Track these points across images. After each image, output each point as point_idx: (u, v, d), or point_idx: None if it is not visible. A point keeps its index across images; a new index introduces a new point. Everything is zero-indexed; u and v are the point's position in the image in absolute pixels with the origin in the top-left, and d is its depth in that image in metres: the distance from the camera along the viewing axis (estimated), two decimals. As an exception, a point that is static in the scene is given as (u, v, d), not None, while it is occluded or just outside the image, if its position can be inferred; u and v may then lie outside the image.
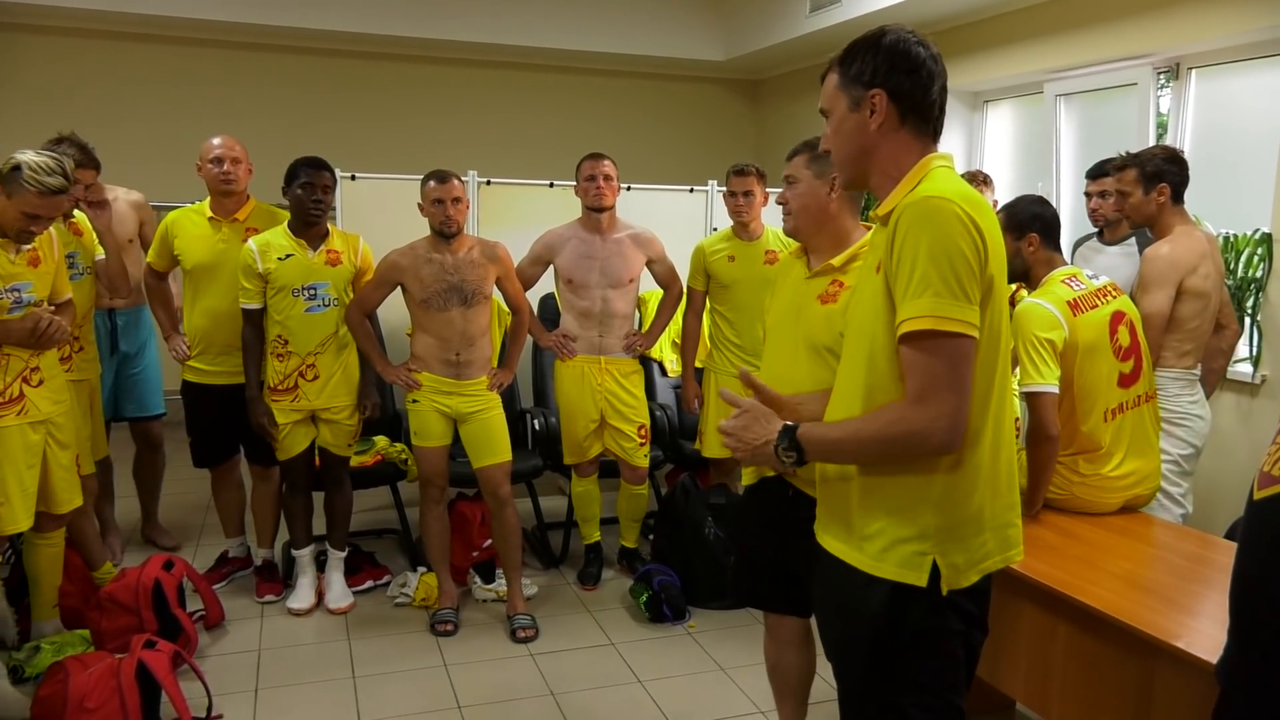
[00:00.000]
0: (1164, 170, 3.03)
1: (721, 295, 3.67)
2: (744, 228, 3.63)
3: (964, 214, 1.40)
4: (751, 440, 1.60)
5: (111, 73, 6.21)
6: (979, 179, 4.11)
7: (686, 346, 3.87)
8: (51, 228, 2.90)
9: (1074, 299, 2.52)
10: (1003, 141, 5.45)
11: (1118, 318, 2.56)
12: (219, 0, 5.87)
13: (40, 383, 2.82)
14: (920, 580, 1.48)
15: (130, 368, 3.94)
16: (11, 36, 6.02)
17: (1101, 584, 2.14)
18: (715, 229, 4.71)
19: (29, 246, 2.76)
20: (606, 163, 3.60)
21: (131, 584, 3.10)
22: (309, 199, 3.27)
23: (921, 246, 1.39)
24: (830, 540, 1.63)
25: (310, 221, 3.31)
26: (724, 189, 3.70)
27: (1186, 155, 3.15)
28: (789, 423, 1.57)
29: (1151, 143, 4.18)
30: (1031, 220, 2.59)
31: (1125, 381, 2.54)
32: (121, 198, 3.88)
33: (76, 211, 3.37)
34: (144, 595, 3.07)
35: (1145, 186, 3.05)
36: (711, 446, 3.74)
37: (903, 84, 1.51)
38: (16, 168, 2.63)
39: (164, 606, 3.10)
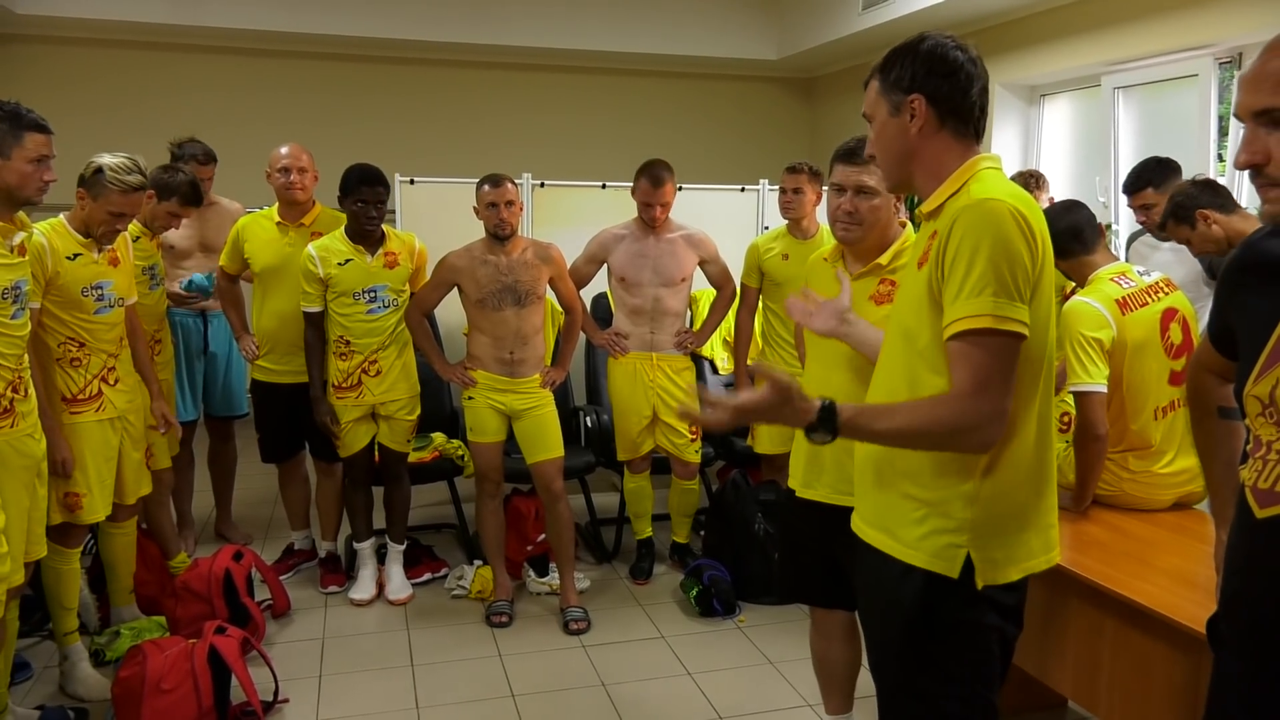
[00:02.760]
0: (1199, 200, 2.89)
1: (775, 293, 3.69)
2: (797, 225, 3.65)
3: (1018, 214, 1.44)
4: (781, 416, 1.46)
5: (179, 83, 6.45)
6: (1034, 179, 4.08)
7: (739, 343, 3.90)
8: (128, 234, 3.06)
9: (1123, 297, 2.50)
10: (1060, 136, 5.37)
11: (1169, 314, 2.52)
12: (279, 12, 6.08)
13: (116, 382, 2.97)
14: (952, 572, 1.51)
15: (220, 368, 4.09)
16: (73, 50, 6.30)
17: (1151, 580, 2.13)
18: (767, 228, 4.74)
19: (109, 248, 2.92)
20: (665, 189, 3.60)
21: (204, 573, 3.24)
22: (364, 215, 3.37)
23: (980, 249, 1.41)
24: (868, 529, 1.66)
25: (366, 234, 3.42)
26: (777, 186, 3.74)
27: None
28: (826, 403, 1.44)
29: (1213, 135, 4.10)
30: (1056, 236, 2.55)
31: (1177, 379, 2.50)
32: (224, 206, 4.06)
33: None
34: (215, 584, 3.21)
35: (1193, 224, 2.91)
36: (764, 442, 3.77)
37: (940, 87, 1.54)
38: (99, 170, 2.78)
39: (234, 595, 3.24)
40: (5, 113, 2.38)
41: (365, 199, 3.36)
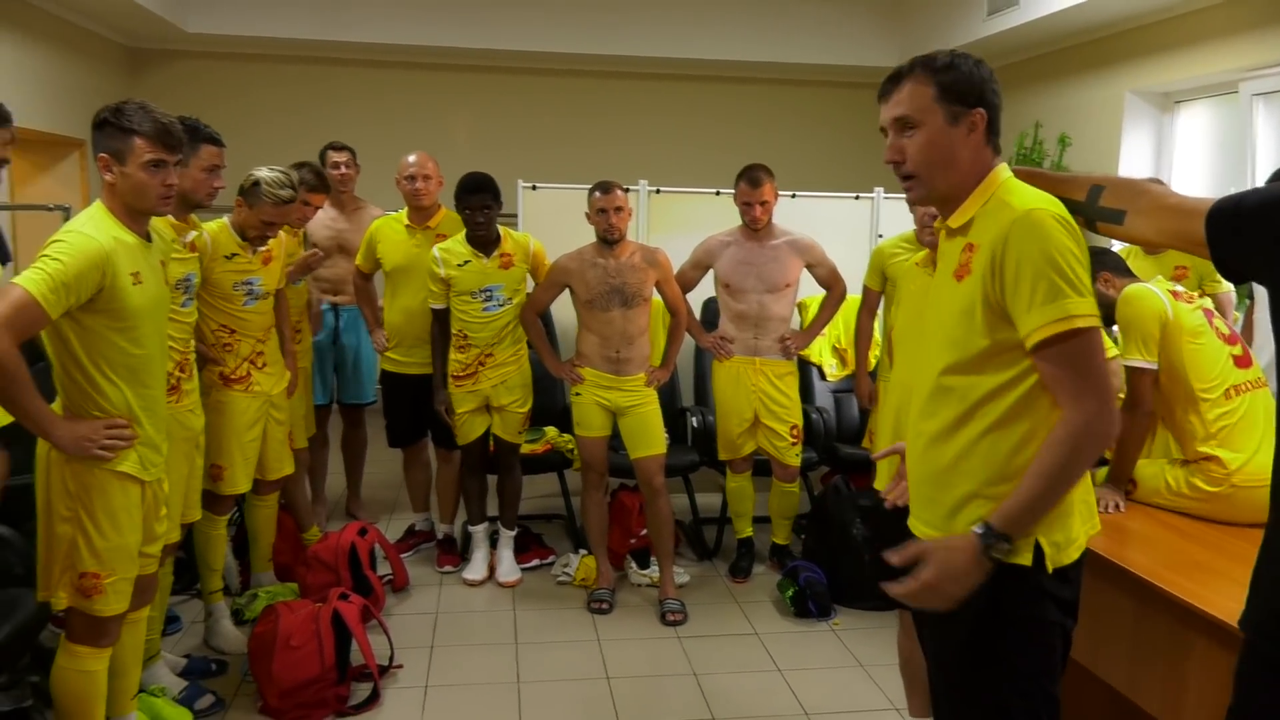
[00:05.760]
0: None
1: (898, 298, 3.71)
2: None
3: (1061, 217, 1.51)
4: (953, 587, 1.54)
5: (325, 94, 6.93)
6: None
7: (860, 345, 3.94)
8: (283, 234, 3.37)
9: (1173, 291, 2.63)
10: (1196, 144, 5.15)
11: (1209, 313, 2.62)
12: (417, 26, 6.46)
13: (264, 365, 3.27)
14: (1026, 560, 1.56)
15: (349, 358, 4.40)
16: (234, 65, 6.85)
17: (1242, 600, 2.09)
18: (881, 236, 4.74)
19: (264, 248, 3.23)
20: (763, 189, 3.68)
21: (332, 545, 3.52)
22: (472, 221, 3.59)
23: (1039, 258, 1.47)
24: (926, 529, 1.71)
25: (478, 238, 3.63)
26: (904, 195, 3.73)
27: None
28: (981, 525, 1.53)
29: (1361, 144, 3.87)
30: (1095, 261, 2.61)
31: (1241, 363, 2.58)
32: (368, 210, 4.38)
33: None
34: (341, 556, 3.49)
35: None
36: (881, 447, 3.78)
37: (995, 105, 1.62)
38: (256, 183, 3.10)
39: (358, 567, 3.51)
40: (186, 126, 2.70)
41: (471, 206, 3.57)
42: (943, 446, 1.65)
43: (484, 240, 3.63)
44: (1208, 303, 2.69)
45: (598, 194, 3.51)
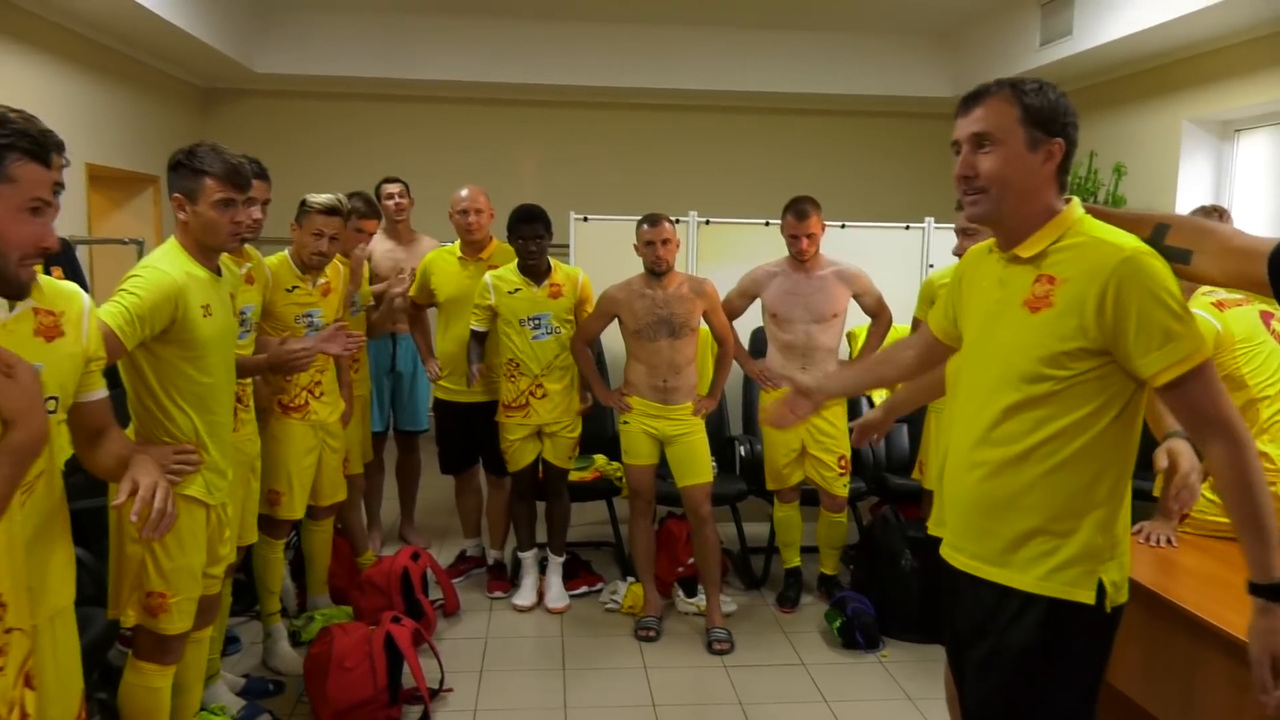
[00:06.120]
0: None
1: None
2: None
3: (1155, 255, 1.53)
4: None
5: (385, 128, 7.15)
6: (1216, 214, 3.90)
7: None
8: (340, 265, 3.48)
9: (1217, 300, 2.61)
10: (1258, 173, 5.06)
11: (1266, 316, 2.60)
12: (474, 62, 6.64)
13: (322, 394, 3.38)
14: (1089, 598, 1.56)
15: (404, 386, 4.51)
16: (300, 103, 7.10)
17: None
18: (932, 266, 4.73)
19: (323, 279, 3.34)
20: (810, 221, 3.72)
21: (385, 570, 3.61)
22: (524, 250, 3.68)
23: (1163, 297, 1.49)
24: (973, 562, 1.70)
25: (530, 267, 3.72)
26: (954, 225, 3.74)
27: None
28: (1255, 594, 1.53)
29: None
30: None
31: None
32: (425, 242, 4.50)
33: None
34: (394, 580, 3.57)
35: None
36: (932, 478, 3.77)
37: (1072, 140, 1.61)
38: (303, 202, 3.23)
39: (410, 591, 3.59)
40: None
41: (524, 236, 3.67)
42: (1005, 478, 1.63)
43: (535, 270, 3.72)
44: (1266, 304, 2.62)
45: (645, 226, 3.59)
